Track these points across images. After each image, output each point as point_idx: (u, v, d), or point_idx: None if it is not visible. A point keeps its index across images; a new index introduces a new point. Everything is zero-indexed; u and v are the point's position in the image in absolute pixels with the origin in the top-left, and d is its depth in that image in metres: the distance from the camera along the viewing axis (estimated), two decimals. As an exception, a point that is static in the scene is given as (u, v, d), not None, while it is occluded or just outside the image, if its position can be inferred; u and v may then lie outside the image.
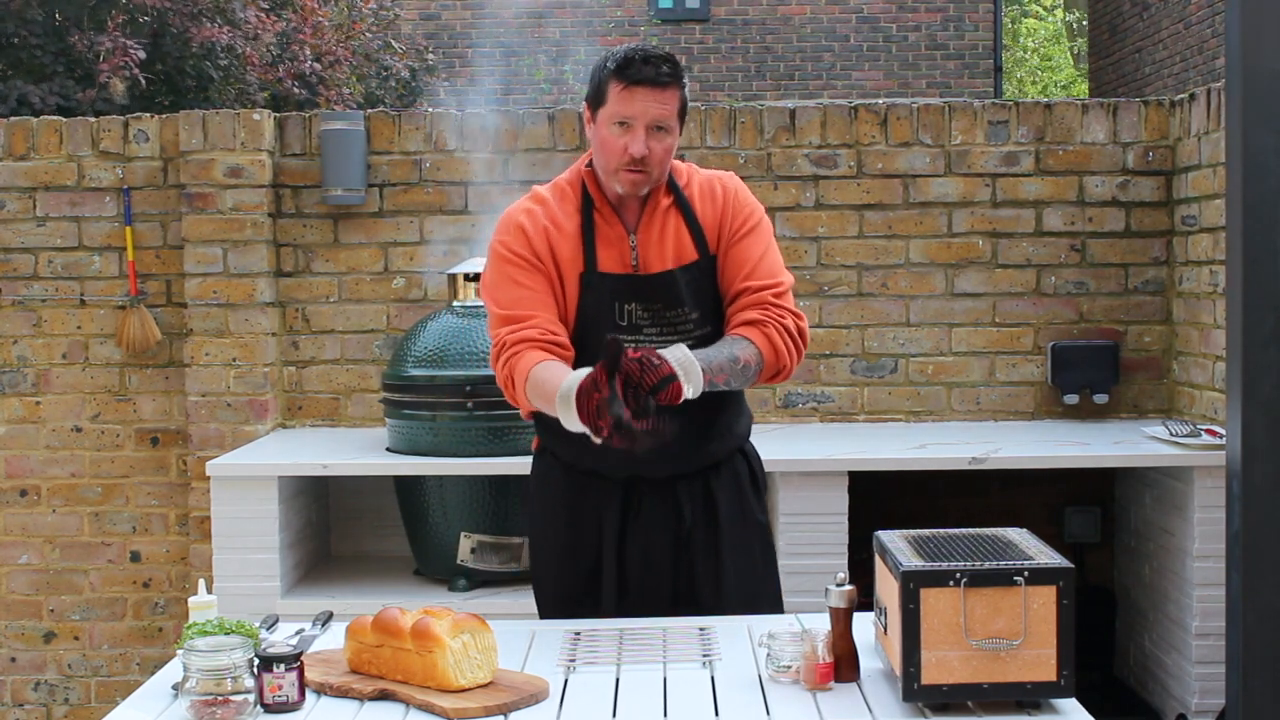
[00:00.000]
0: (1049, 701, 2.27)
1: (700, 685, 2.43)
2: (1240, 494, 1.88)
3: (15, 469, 4.65)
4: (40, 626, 4.68)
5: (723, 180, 3.00)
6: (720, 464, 3.02)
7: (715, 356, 2.77)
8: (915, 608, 2.23)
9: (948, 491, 4.55)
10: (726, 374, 2.78)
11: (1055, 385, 4.54)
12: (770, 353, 2.85)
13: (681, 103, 2.89)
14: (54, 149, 4.60)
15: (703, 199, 2.96)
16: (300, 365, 4.62)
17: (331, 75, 8.26)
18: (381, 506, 4.40)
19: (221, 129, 4.48)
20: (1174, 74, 11.84)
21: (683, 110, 2.90)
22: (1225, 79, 1.99)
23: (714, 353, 2.78)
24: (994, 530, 2.49)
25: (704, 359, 2.72)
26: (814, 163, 4.55)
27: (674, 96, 2.87)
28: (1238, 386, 1.89)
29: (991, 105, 4.59)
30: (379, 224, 4.59)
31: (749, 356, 2.82)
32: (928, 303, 4.57)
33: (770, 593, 3.07)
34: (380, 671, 2.42)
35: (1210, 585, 3.80)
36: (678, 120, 2.89)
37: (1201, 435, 3.95)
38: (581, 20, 13.18)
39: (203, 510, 4.37)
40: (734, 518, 3.02)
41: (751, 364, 2.82)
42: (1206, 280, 4.26)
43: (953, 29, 13.16)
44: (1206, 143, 4.27)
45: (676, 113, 2.88)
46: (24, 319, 4.63)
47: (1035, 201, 4.56)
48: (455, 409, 3.90)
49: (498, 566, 4.01)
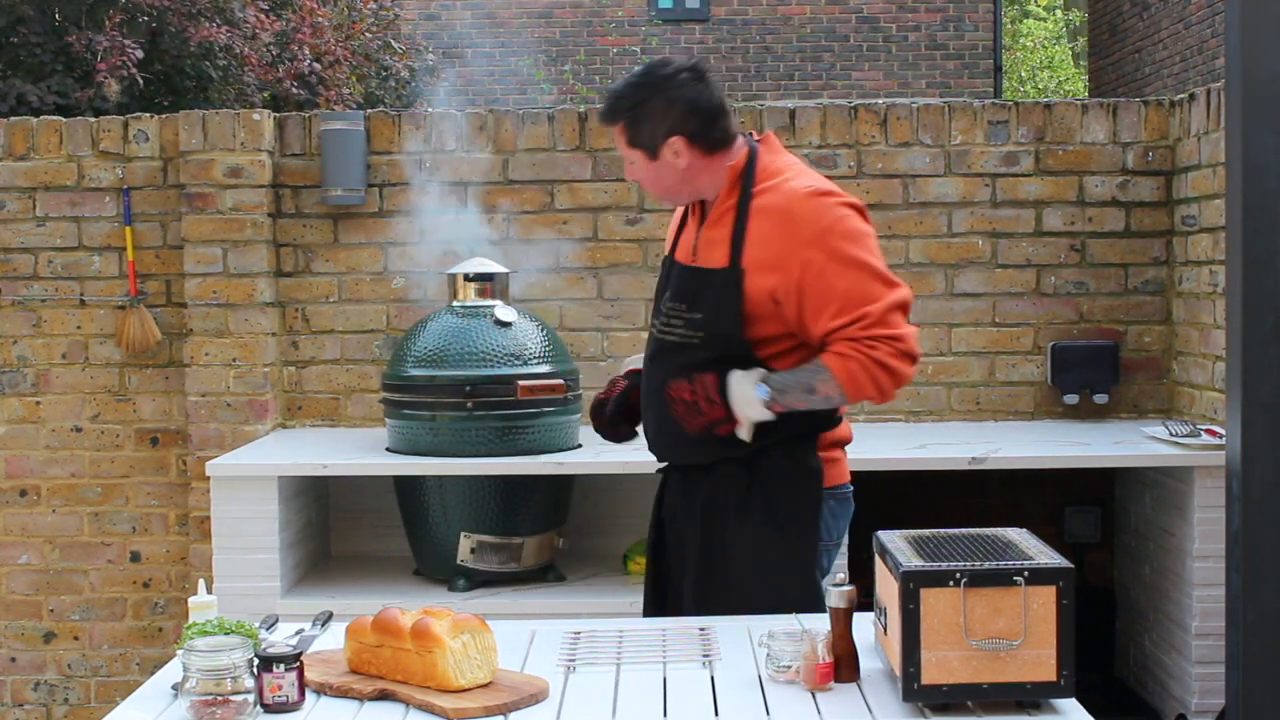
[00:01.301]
0: (1049, 701, 2.27)
1: (700, 685, 2.43)
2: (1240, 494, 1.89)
3: (15, 469, 4.65)
4: (40, 626, 4.68)
5: (795, 205, 2.90)
6: (716, 466, 2.99)
7: (791, 387, 2.87)
8: (915, 608, 2.23)
9: (948, 491, 4.55)
10: (804, 404, 2.87)
11: (1055, 385, 4.54)
12: (851, 384, 2.83)
13: (630, 134, 2.97)
14: (54, 149, 4.60)
15: (763, 215, 2.92)
16: (300, 365, 4.62)
17: (331, 75, 8.25)
18: (381, 506, 4.40)
19: (221, 129, 4.48)
20: (1174, 74, 11.84)
21: (638, 138, 2.97)
22: (1225, 79, 1.99)
23: (790, 381, 2.87)
24: (994, 530, 2.48)
25: (779, 388, 2.86)
26: (814, 163, 4.55)
27: (619, 131, 2.99)
28: (1238, 386, 1.90)
29: (991, 105, 4.59)
30: (379, 224, 4.59)
31: (828, 389, 2.85)
32: (928, 303, 4.57)
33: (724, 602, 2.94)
34: (380, 671, 2.42)
35: (1210, 585, 3.80)
36: (633, 149, 2.98)
37: (1201, 435, 3.95)
38: (581, 20, 13.17)
39: (203, 510, 4.37)
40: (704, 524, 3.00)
41: (833, 395, 2.86)
42: (1206, 280, 4.26)
43: (953, 29, 13.16)
44: (1206, 143, 4.27)
45: (626, 144, 2.99)
46: (24, 319, 4.63)
47: (1035, 201, 4.56)
48: (455, 409, 3.90)
49: (498, 566, 4.00)
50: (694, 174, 2.99)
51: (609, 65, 12.80)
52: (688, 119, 2.93)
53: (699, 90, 2.96)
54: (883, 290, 2.83)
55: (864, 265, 2.84)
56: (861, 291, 2.82)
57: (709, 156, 2.97)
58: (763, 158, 2.99)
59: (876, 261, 2.85)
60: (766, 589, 2.94)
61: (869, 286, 2.82)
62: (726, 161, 2.98)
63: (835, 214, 2.85)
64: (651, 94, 2.95)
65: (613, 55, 12.87)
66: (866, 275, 2.83)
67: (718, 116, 2.97)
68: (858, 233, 2.86)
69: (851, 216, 2.86)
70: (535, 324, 4.06)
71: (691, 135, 2.94)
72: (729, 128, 2.99)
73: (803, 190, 2.89)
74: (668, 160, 2.96)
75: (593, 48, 13.09)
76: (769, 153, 3.01)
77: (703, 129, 2.94)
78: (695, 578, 3.02)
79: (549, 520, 4.10)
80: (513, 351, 3.92)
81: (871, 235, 2.89)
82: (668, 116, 2.94)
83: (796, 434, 2.95)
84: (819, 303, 2.84)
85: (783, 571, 2.97)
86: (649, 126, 2.95)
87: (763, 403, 2.85)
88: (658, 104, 2.94)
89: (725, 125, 2.98)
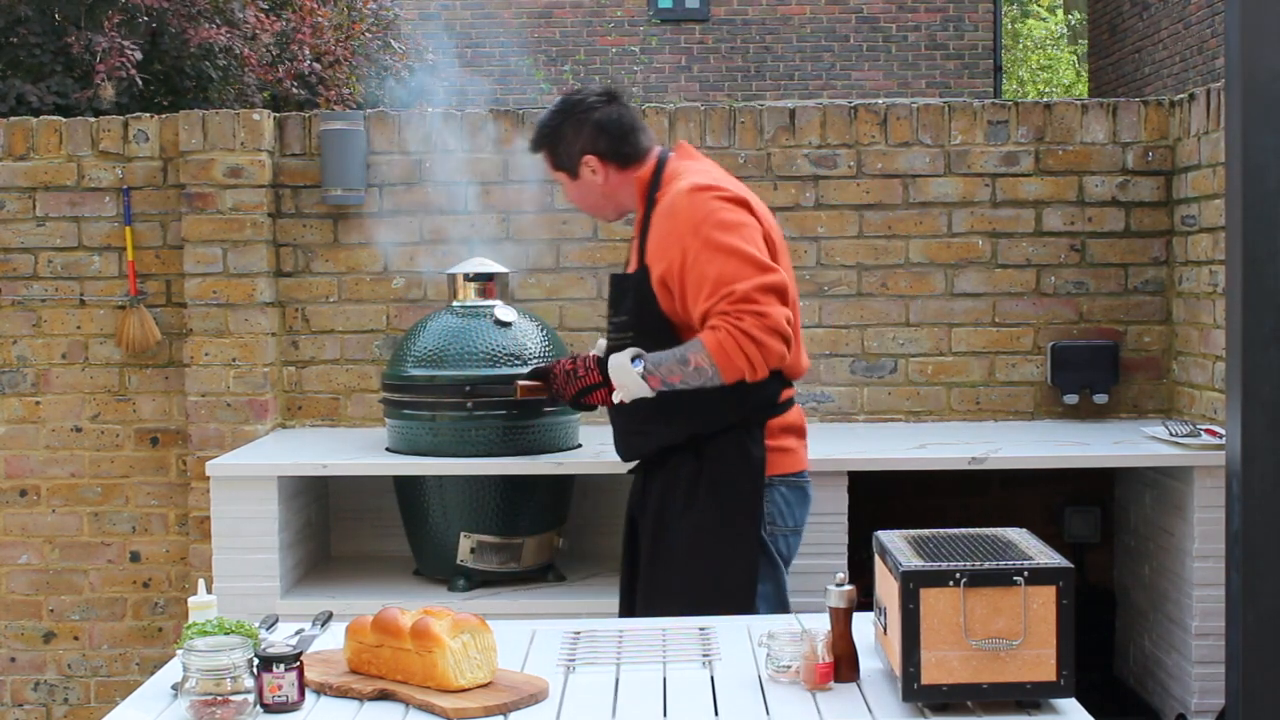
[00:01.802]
0: (1049, 701, 2.27)
1: (700, 685, 2.43)
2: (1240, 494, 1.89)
3: (15, 469, 4.65)
4: (40, 626, 4.68)
5: (677, 200, 3.15)
6: (667, 459, 3.23)
7: (665, 359, 3.11)
8: (915, 608, 2.23)
9: (948, 491, 4.55)
10: (680, 375, 3.09)
11: (1055, 385, 4.54)
12: (720, 354, 3.03)
13: (553, 159, 3.34)
14: (54, 149, 4.60)
15: (659, 216, 3.19)
16: (300, 365, 4.62)
17: (331, 75, 8.25)
18: (381, 506, 4.40)
19: (221, 129, 4.48)
20: (1174, 74, 11.84)
21: (559, 162, 3.33)
22: (1225, 79, 1.99)
23: (666, 355, 3.12)
24: (994, 530, 2.49)
25: (654, 361, 3.12)
26: (814, 163, 4.56)
27: (545, 158, 3.37)
28: (1238, 386, 1.90)
29: (991, 105, 4.59)
30: (379, 224, 4.59)
31: (700, 359, 3.05)
32: (927, 303, 4.57)
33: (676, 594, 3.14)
34: (380, 671, 2.42)
35: (1210, 585, 3.80)
36: (558, 172, 3.36)
37: (1201, 435, 3.95)
38: (581, 20, 13.18)
39: (202, 510, 4.37)
40: (656, 513, 3.24)
41: (705, 366, 3.06)
42: (1206, 280, 4.26)
43: (953, 29, 13.16)
44: (1206, 143, 4.27)
45: (552, 168, 3.37)
46: (24, 319, 4.63)
47: (1035, 201, 4.56)
48: (455, 409, 3.90)
49: (498, 566, 4.00)
50: (614, 189, 3.32)
51: (609, 65, 12.81)
52: (597, 138, 3.26)
53: (608, 111, 3.28)
54: (752, 273, 3.04)
55: (735, 251, 3.06)
56: (732, 274, 3.05)
57: (625, 171, 3.29)
58: (670, 165, 3.27)
59: (749, 248, 3.06)
60: (708, 574, 3.16)
61: (740, 270, 3.05)
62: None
63: (710, 206, 3.09)
64: (564, 120, 3.30)
65: (613, 55, 12.88)
66: (737, 260, 3.05)
67: (627, 134, 3.27)
68: (731, 223, 3.09)
69: (726, 209, 3.10)
70: (535, 324, 4.06)
71: (602, 153, 3.27)
72: (640, 143, 3.29)
73: (685, 187, 3.14)
74: (587, 178, 3.30)
75: (593, 48, 13.09)
76: (677, 159, 3.29)
77: (613, 146, 3.27)
78: (646, 562, 3.26)
79: (549, 520, 4.10)
80: (513, 351, 3.92)
81: (748, 225, 3.11)
82: (579, 138, 3.28)
83: (743, 422, 3.17)
84: (695, 288, 3.08)
85: (724, 557, 3.17)
86: (565, 149, 3.30)
87: (639, 374, 3.14)
88: (569, 128, 3.28)
89: (635, 141, 3.28)
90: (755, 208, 3.19)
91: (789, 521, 3.30)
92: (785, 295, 3.07)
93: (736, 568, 3.17)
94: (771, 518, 3.25)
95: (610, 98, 3.33)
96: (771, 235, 3.22)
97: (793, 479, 3.30)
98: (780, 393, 3.25)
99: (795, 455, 3.31)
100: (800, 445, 3.34)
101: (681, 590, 3.15)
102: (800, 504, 3.34)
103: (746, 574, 3.17)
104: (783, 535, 3.28)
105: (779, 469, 3.25)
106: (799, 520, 3.33)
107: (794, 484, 3.31)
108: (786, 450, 3.27)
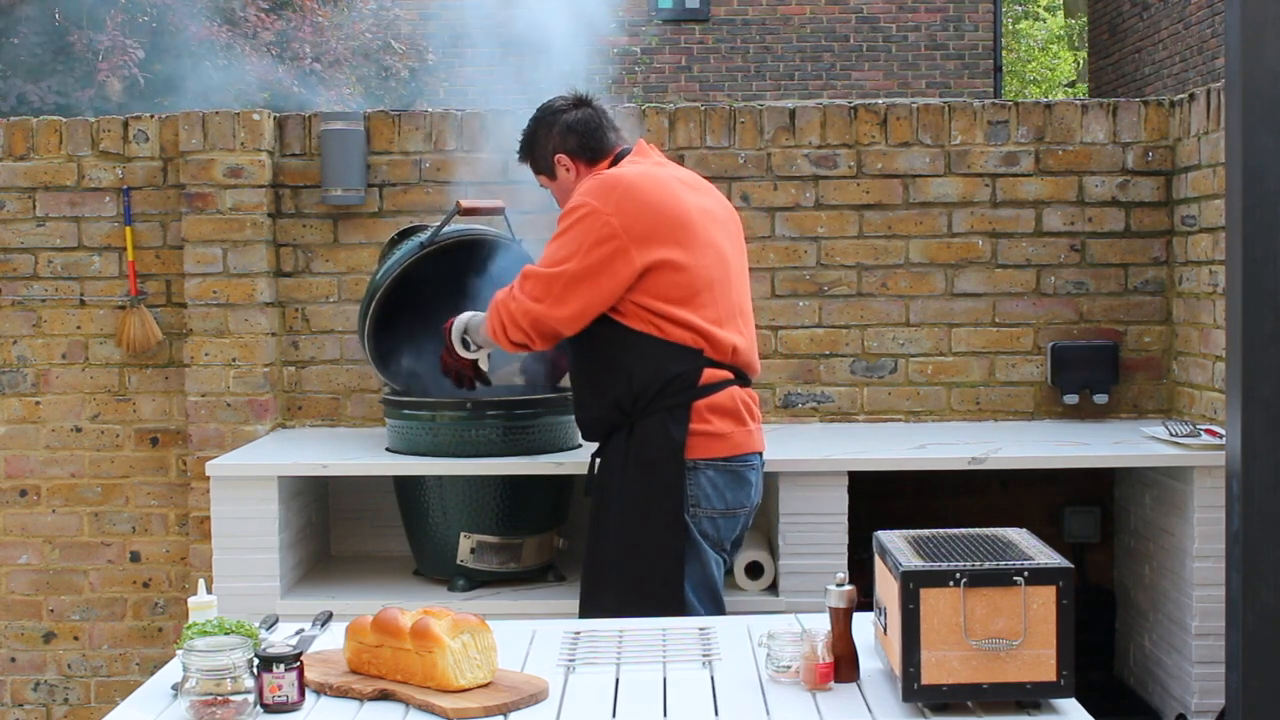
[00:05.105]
0: (1049, 701, 2.28)
1: (700, 685, 2.43)
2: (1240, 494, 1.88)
3: (15, 469, 4.65)
4: (40, 626, 4.68)
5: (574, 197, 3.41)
6: (611, 437, 3.39)
7: (473, 324, 3.57)
8: (915, 608, 2.23)
9: (947, 491, 4.55)
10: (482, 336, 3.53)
11: (1055, 385, 4.54)
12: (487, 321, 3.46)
13: (533, 163, 3.57)
14: (54, 149, 4.60)
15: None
16: (300, 365, 4.62)
17: (331, 75, 8.25)
18: (381, 506, 4.40)
19: (221, 129, 4.48)
20: (1174, 74, 11.84)
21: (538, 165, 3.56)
22: (1225, 79, 1.99)
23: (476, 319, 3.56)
24: (994, 530, 2.49)
25: (467, 324, 3.58)
26: (814, 163, 4.55)
27: (529, 165, 3.60)
28: (1238, 386, 1.89)
29: (991, 105, 4.59)
30: (379, 224, 4.59)
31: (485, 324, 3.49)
32: (927, 303, 4.57)
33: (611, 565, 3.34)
34: (380, 672, 2.42)
35: (1210, 585, 3.80)
36: (540, 176, 3.60)
37: (1201, 435, 3.95)
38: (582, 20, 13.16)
39: (202, 510, 4.37)
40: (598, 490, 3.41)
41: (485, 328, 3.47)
42: (1206, 280, 4.26)
43: (953, 29, 13.16)
44: (1206, 143, 4.27)
45: (535, 173, 3.61)
46: (24, 319, 4.63)
47: (1035, 201, 4.56)
48: (455, 409, 3.90)
49: (498, 566, 4.00)
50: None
51: (609, 65, 12.80)
52: (567, 137, 3.49)
53: (576, 114, 3.51)
54: (544, 264, 3.35)
55: (553, 243, 3.36)
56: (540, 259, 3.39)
57: (593, 167, 3.50)
58: (622, 162, 3.48)
59: (566, 247, 3.32)
60: (636, 550, 3.31)
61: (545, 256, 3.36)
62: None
63: (572, 204, 3.37)
64: (538, 125, 3.54)
65: (613, 55, 12.87)
66: (549, 251, 3.36)
67: (594, 132, 3.50)
68: (571, 223, 3.34)
69: (579, 209, 3.33)
70: (535, 324, 4.06)
71: (572, 150, 3.49)
72: (607, 141, 3.54)
73: (582, 188, 3.40)
74: (563, 177, 3.51)
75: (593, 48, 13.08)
76: (630, 157, 3.50)
77: (581, 144, 3.49)
78: (588, 544, 3.44)
79: (549, 520, 4.10)
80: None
81: (588, 228, 3.32)
82: (550, 139, 3.51)
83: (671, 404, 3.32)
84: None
85: (649, 534, 3.31)
86: (540, 152, 3.54)
87: (460, 336, 3.58)
88: (542, 132, 3.53)
89: (602, 138, 3.51)
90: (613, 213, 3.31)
91: (716, 504, 3.35)
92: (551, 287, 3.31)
93: (662, 544, 3.29)
94: (696, 500, 3.32)
95: (580, 101, 3.55)
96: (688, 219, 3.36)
97: (722, 463, 3.35)
98: (701, 372, 3.32)
99: (728, 440, 3.36)
100: (737, 429, 3.37)
101: (615, 563, 3.32)
102: (733, 488, 3.38)
103: (672, 552, 3.29)
104: (708, 518, 3.35)
105: (706, 452, 3.32)
106: (731, 503, 3.38)
107: (724, 468, 3.36)
108: (716, 434, 3.33)
